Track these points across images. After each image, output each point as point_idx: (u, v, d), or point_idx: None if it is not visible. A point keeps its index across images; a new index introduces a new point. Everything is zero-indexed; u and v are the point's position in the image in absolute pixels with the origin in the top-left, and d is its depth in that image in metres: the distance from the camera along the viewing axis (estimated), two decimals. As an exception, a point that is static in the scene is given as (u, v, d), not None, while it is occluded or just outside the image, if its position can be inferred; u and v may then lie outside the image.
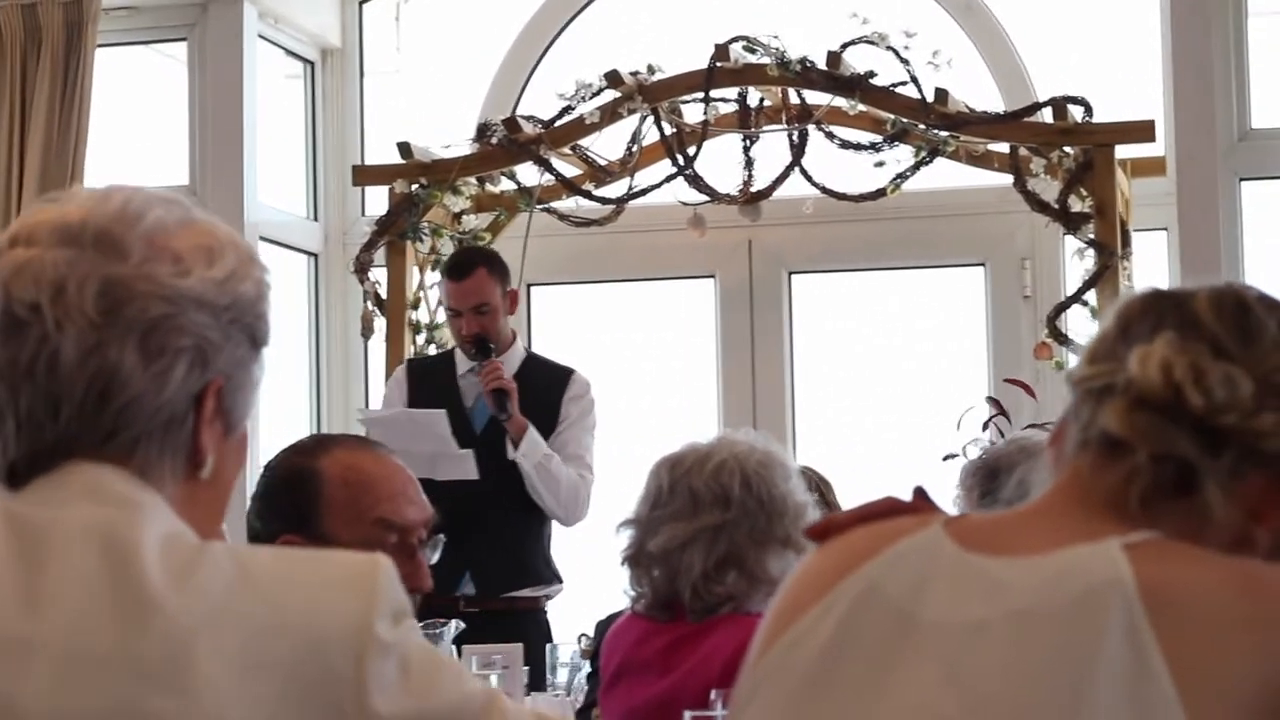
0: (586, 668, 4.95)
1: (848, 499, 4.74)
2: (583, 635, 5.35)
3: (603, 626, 4.63)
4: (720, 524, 3.33)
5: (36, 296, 1.73)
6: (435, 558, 3.01)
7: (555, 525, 6.16)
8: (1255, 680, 1.58)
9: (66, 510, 1.72)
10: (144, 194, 1.81)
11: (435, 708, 1.73)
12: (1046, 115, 6.44)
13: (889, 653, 1.69)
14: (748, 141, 6.71)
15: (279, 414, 7.20)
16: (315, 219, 7.55)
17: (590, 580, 6.05)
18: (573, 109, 6.75)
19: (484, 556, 5.94)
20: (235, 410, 1.83)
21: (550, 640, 5.68)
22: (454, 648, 3.61)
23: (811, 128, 6.60)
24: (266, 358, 1.85)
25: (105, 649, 1.65)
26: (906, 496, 2.08)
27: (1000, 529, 1.76)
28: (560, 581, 6.17)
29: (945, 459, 4.84)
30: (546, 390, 6.12)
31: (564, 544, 6.27)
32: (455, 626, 3.42)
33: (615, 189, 6.87)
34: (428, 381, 6.26)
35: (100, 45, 6.85)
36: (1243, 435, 1.69)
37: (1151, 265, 6.62)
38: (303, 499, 2.88)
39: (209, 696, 1.64)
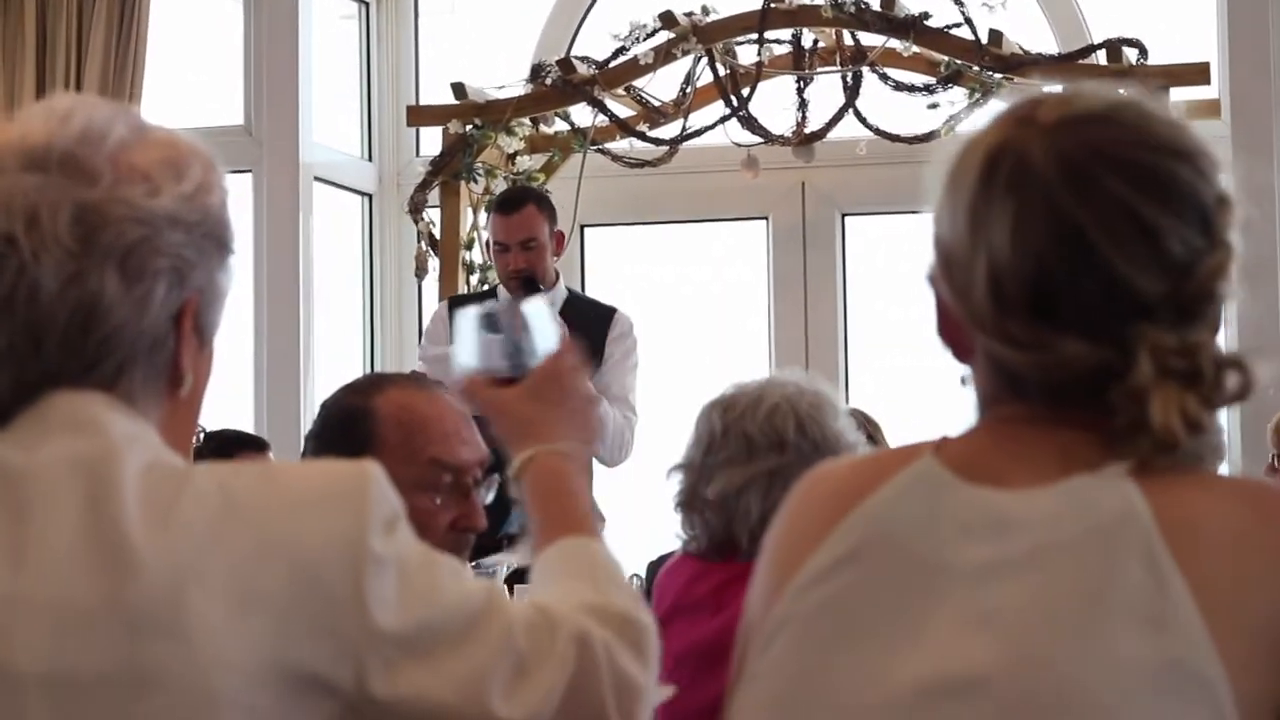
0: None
1: (898, 441, 4.75)
2: (634, 575, 5.38)
3: (654, 568, 4.65)
4: (776, 468, 3.32)
5: (10, 227, 1.68)
6: (490, 498, 2.98)
7: (595, 463, 6.17)
8: (1274, 604, 1.56)
9: (46, 449, 1.67)
10: (101, 109, 1.76)
11: (438, 611, 1.69)
12: (1101, 57, 6.42)
13: (913, 599, 1.64)
14: (801, 83, 6.70)
15: (333, 354, 7.24)
16: (370, 159, 7.57)
17: (641, 520, 6.07)
18: (627, 50, 6.75)
19: (530, 496, 5.94)
20: (209, 324, 1.79)
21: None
22: (505, 587, 3.63)
23: (865, 69, 6.60)
24: (233, 265, 1.81)
25: (92, 604, 1.61)
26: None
27: (990, 454, 1.70)
28: (602, 519, 6.17)
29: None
30: (589, 330, 6.10)
31: (613, 484, 6.28)
32: (508, 566, 3.43)
33: (669, 130, 6.87)
34: (469, 318, 6.22)
35: (156, -15, 6.88)
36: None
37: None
38: (357, 438, 2.85)
39: (206, 638, 1.60)
